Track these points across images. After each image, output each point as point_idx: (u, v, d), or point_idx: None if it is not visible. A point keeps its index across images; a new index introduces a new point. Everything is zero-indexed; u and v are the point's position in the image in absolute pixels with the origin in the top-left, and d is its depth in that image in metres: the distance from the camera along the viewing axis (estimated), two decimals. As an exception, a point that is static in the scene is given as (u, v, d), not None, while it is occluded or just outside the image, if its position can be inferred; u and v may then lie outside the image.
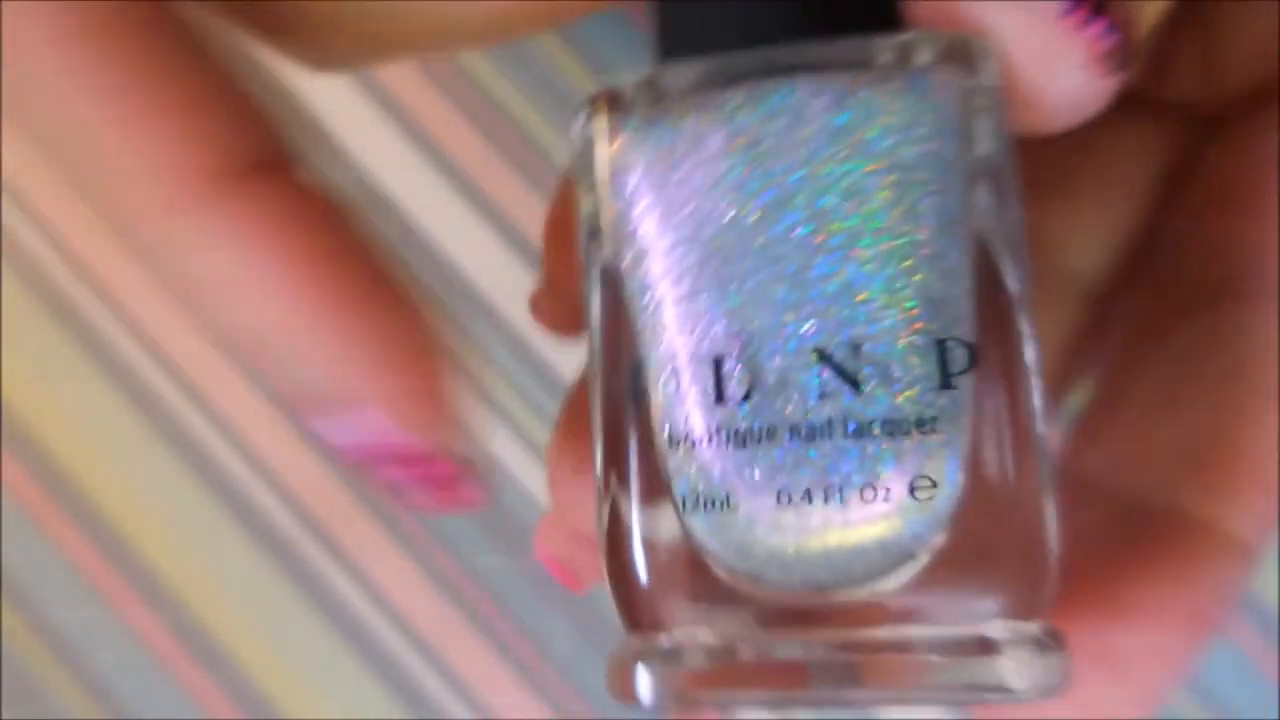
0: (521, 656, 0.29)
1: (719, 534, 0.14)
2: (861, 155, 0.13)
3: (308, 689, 0.29)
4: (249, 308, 0.15)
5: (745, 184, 0.14)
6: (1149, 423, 0.18)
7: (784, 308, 0.13)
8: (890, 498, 0.13)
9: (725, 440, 0.13)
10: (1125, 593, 0.16)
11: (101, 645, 0.29)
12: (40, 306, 0.29)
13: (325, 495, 0.29)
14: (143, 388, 0.29)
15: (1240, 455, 0.17)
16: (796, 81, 0.13)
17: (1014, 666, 0.13)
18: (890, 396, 0.13)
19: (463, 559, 0.29)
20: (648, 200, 0.14)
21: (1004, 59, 0.14)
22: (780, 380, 0.13)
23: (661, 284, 0.14)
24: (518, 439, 0.29)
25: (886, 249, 0.13)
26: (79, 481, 0.29)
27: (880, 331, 0.13)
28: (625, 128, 0.14)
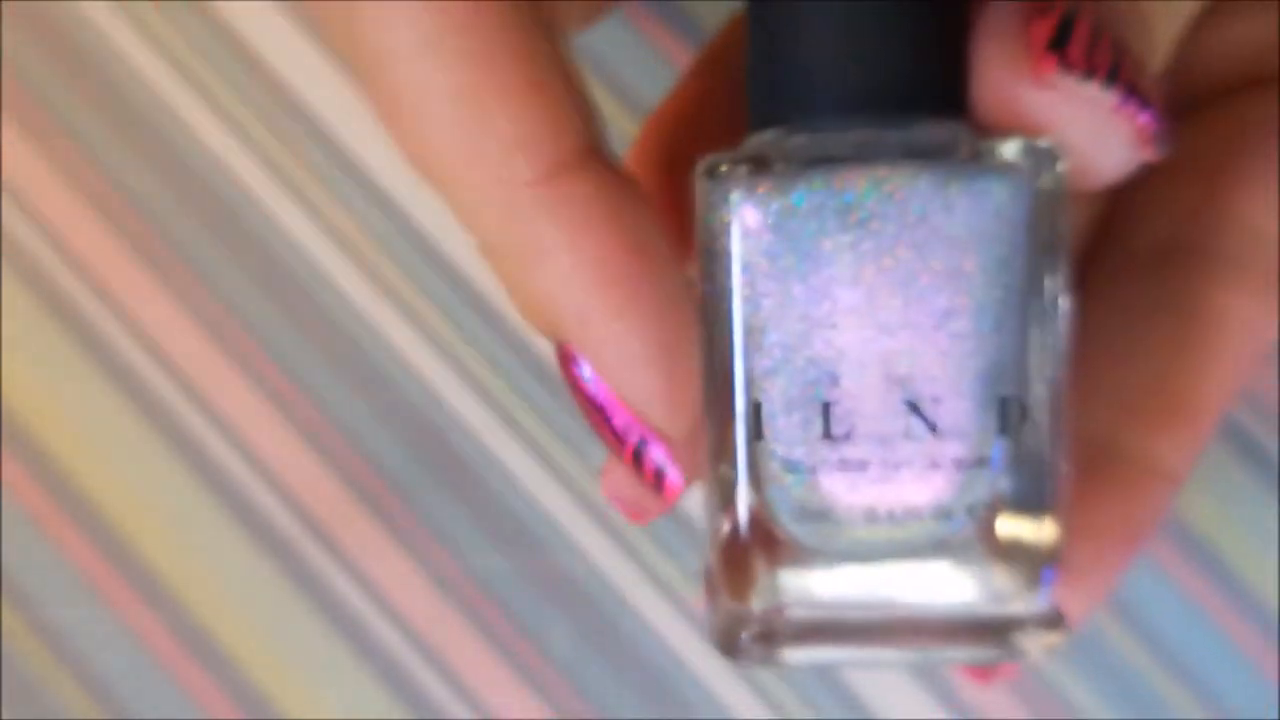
0: (521, 656, 0.29)
1: (818, 536, 0.18)
2: (954, 244, 0.17)
3: (308, 689, 0.29)
4: (580, 286, 0.16)
5: (855, 256, 0.17)
6: (1099, 369, 0.20)
7: (882, 366, 0.17)
8: (953, 516, 0.17)
9: (829, 468, 0.17)
10: (1073, 514, 0.18)
11: (101, 645, 0.29)
12: (40, 306, 0.29)
13: (325, 495, 0.29)
14: (143, 388, 0.29)
15: (1173, 400, 0.20)
16: (909, 169, 0.17)
17: (1031, 640, 0.18)
18: (959, 440, 0.17)
19: (463, 559, 0.29)
20: (769, 262, 0.17)
21: (1064, 143, 0.17)
22: (876, 423, 0.17)
23: (779, 337, 0.17)
24: (518, 438, 0.29)
25: (964, 326, 0.17)
26: (79, 481, 0.29)
27: (956, 390, 0.17)
28: (748, 191, 0.17)
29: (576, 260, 0.16)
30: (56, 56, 0.30)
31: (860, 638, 0.18)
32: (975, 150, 0.17)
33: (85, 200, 0.30)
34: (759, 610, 0.18)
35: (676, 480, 0.18)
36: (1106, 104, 0.16)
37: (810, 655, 0.18)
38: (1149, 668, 0.28)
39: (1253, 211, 0.21)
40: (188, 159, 0.29)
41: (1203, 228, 0.21)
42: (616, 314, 0.17)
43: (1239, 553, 0.28)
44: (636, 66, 0.29)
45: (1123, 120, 0.16)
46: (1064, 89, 0.16)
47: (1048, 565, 0.18)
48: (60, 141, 0.30)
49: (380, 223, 0.29)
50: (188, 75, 0.30)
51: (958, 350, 0.17)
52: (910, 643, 0.18)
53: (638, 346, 0.17)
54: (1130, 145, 0.17)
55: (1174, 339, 0.20)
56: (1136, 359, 0.21)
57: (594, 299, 0.16)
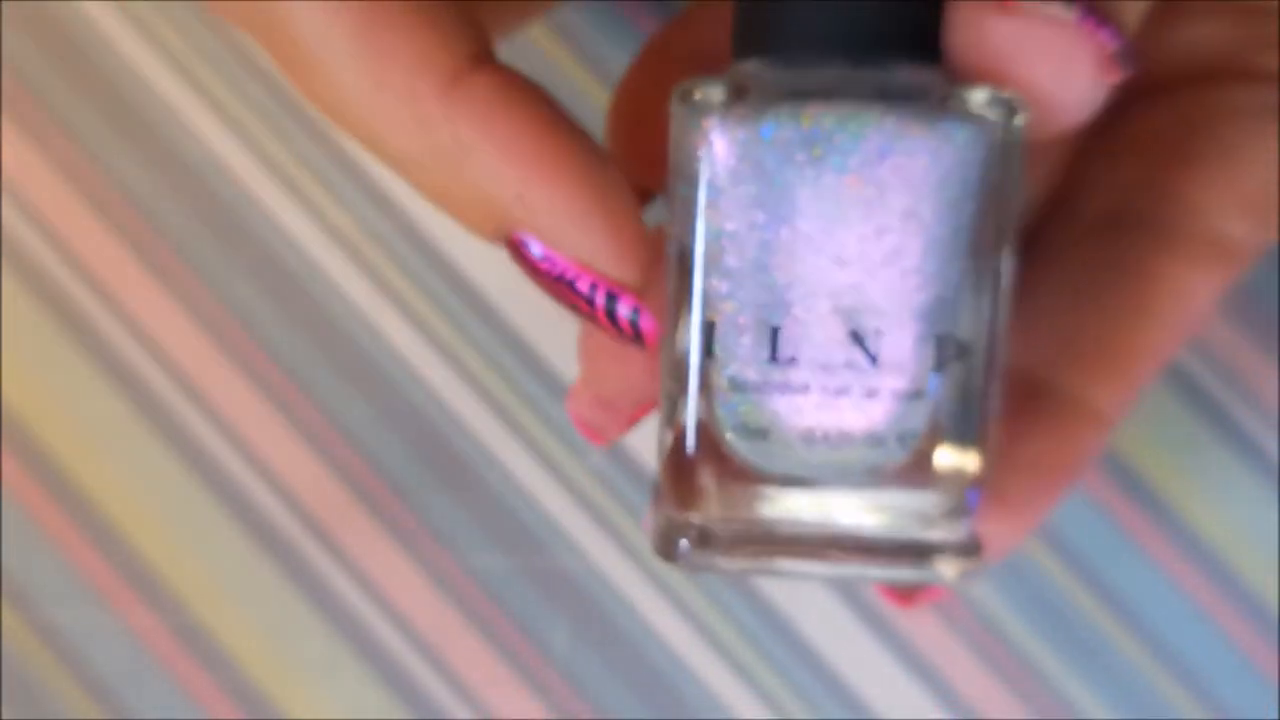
0: (521, 656, 0.29)
1: (756, 453, 0.19)
2: (912, 185, 0.17)
3: (308, 689, 0.29)
4: (509, 169, 0.18)
5: (816, 190, 0.17)
6: (1044, 319, 0.22)
7: (831, 297, 0.18)
8: (887, 444, 0.18)
9: (772, 389, 0.18)
10: (1010, 448, 0.20)
11: (101, 645, 0.29)
12: (40, 306, 0.29)
13: (325, 495, 0.29)
14: (143, 388, 0.29)
15: (1109, 350, 0.22)
16: (877, 110, 0.17)
17: (948, 565, 0.19)
18: (898, 373, 0.18)
19: (463, 559, 0.29)
20: (734, 188, 0.18)
21: (1024, 73, 0.17)
22: (820, 350, 0.18)
23: (736, 261, 0.18)
24: (518, 438, 0.29)
25: (912, 263, 0.18)
26: (79, 481, 0.29)
27: (900, 324, 0.18)
28: (719, 120, 0.18)
29: (499, 146, 0.17)
30: (56, 56, 0.30)
31: (790, 551, 0.19)
32: (944, 96, 0.17)
33: (85, 200, 0.30)
34: (699, 520, 0.19)
35: (650, 325, 0.19)
36: (1067, 20, 0.17)
37: (742, 565, 0.19)
38: (1149, 668, 0.28)
39: (1194, 189, 0.22)
40: (188, 159, 0.29)
41: (1147, 201, 0.23)
42: (549, 181, 0.18)
43: (1239, 553, 0.28)
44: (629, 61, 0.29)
45: (1084, 37, 0.17)
46: (1026, 13, 0.17)
47: (971, 495, 0.19)
48: (60, 141, 0.30)
49: (380, 223, 0.29)
50: (188, 75, 0.30)
51: (903, 287, 0.18)
52: (837, 559, 0.19)
53: (576, 204, 0.18)
54: (1093, 69, 0.17)
55: (1114, 296, 0.22)
56: (1078, 311, 0.22)
57: (526, 175, 0.18)
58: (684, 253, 0.18)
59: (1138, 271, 0.22)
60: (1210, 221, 0.22)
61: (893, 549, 0.19)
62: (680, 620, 0.29)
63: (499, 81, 0.18)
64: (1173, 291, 0.22)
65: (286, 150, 0.29)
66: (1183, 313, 0.22)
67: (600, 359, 0.21)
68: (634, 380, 0.20)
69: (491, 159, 0.18)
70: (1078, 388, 0.22)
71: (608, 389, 0.21)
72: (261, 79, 0.30)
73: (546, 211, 0.18)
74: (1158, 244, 0.22)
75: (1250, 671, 0.28)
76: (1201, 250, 0.22)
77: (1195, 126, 0.23)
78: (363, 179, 0.29)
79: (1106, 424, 0.22)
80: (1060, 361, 0.22)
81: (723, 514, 0.19)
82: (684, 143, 0.18)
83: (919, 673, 0.29)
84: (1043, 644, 0.29)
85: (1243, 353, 0.29)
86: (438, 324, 0.29)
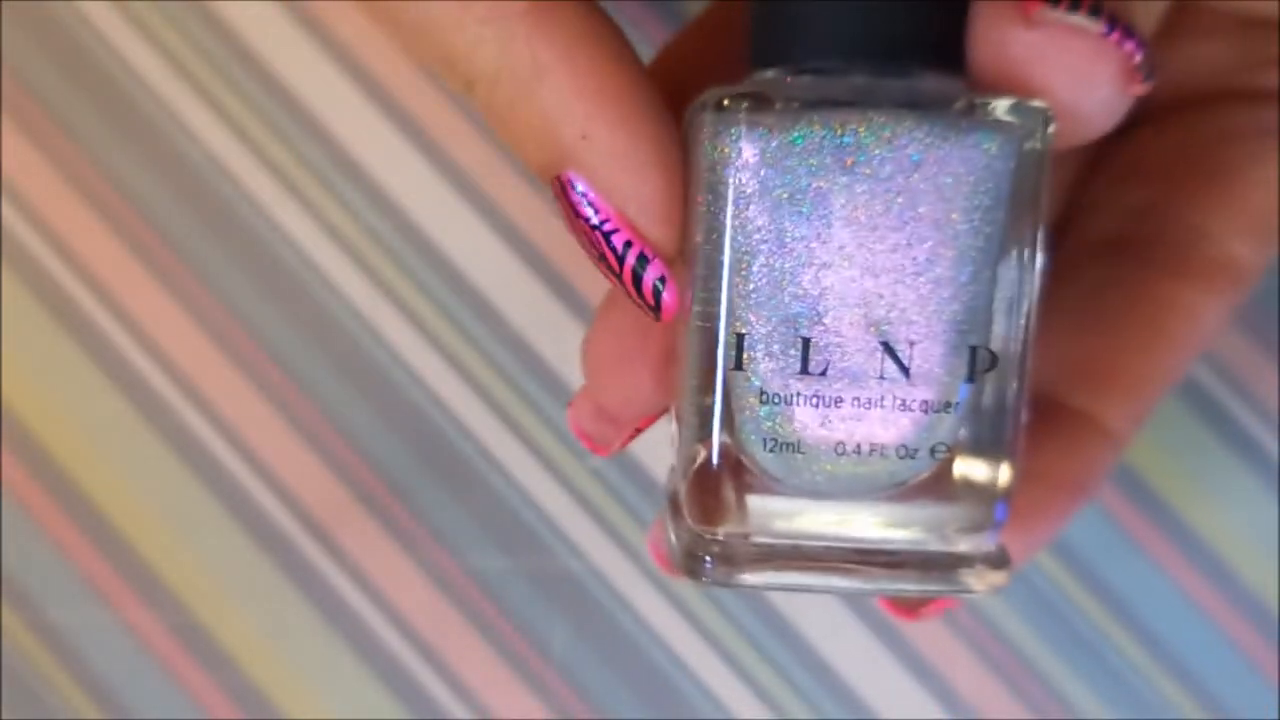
0: (521, 656, 0.29)
1: (784, 466, 0.18)
2: (943, 194, 0.17)
3: (308, 689, 0.29)
4: (579, 101, 0.17)
5: (848, 199, 0.17)
6: (1056, 339, 0.22)
7: (862, 308, 0.18)
8: (916, 456, 0.18)
9: (803, 401, 0.18)
10: (1025, 463, 0.20)
11: (101, 645, 0.29)
12: (40, 306, 0.29)
13: (325, 495, 0.29)
14: (143, 388, 0.29)
15: (1119, 369, 0.22)
16: (909, 119, 0.17)
17: (976, 578, 0.19)
18: (929, 384, 0.18)
19: (463, 559, 0.29)
20: (763, 197, 0.17)
21: (1048, 82, 0.17)
22: (852, 362, 0.18)
23: (766, 271, 0.18)
24: (517, 438, 0.29)
25: (944, 274, 0.18)
26: (79, 481, 0.29)
27: (931, 336, 0.18)
28: (749, 128, 0.17)
29: (574, 75, 0.17)
30: (56, 56, 0.30)
31: (816, 566, 0.19)
32: (970, 105, 0.17)
33: (85, 200, 0.30)
34: (723, 535, 0.19)
35: (671, 299, 0.18)
36: (1093, 32, 0.17)
37: (767, 579, 0.19)
38: (1149, 668, 0.28)
39: (1197, 212, 0.23)
40: (188, 159, 0.29)
41: (1153, 225, 0.23)
42: (617, 123, 0.17)
43: (1239, 553, 0.28)
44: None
45: (1109, 48, 0.17)
46: (1051, 23, 0.17)
47: (1000, 507, 0.18)
48: (60, 141, 0.30)
49: (380, 223, 0.29)
50: (188, 75, 0.30)
51: (936, 297, 0.18)
52: (863, 574, 0.19)
53: (638, 154, 0.18)
54: (1118, 80, 0.17)
55: (1123, 317, 0.22)
56: (1088, 331, 0.23)
57: (594, 111, 0.17)
58: (711, 263, 0.18)
59: (1145, 293, 0.23)
60: (1215, 244, 0.23)
61: (920, 562, 0.19)
62: (680, 620, 0.29)
63: (583, 10, 0.18)
64: (1180, 313, 0.22)
65: (286, 150, 0.29)
66: (1191, 333, 0.23)
67: (604, 369, 0.20)
68: (639, 391, 0.20)
69: (564, 86, 0.17)
70: (1088, 406, 0.22)
71: (611, 400, 0.20)
72: (261, 79, 0.30)
73: (606, 154, 0.18)
74: (1164, 266, 0.23)
75: (1250, 671, 0.28)
76: (1207, 272, 0.23)
77: (1197, 150, 0.23)
78: (363, 179, 0.29)
79: (1117, 442, 0.22)
80: (1071, 381, 0.22)
81: (747, 529, 0.19)
82: (710, 151, 0.18)
83: (919, 673, 0.29)
84: (1043, 644, 0.29)
85: (1243, 354, 0.29)
86: (438, 324, 0.29)
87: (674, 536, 0.20)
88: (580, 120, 0.17)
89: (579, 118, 0.17)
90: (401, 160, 0.29)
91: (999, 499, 0.18)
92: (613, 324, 0.20)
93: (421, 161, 0.29)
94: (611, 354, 0.20)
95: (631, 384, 0.20)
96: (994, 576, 0.19)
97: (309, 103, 0.30)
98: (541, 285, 0.29)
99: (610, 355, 0.20)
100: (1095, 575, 0.29)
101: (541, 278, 0.29)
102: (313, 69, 0.30)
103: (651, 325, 0.19)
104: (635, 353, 0.20)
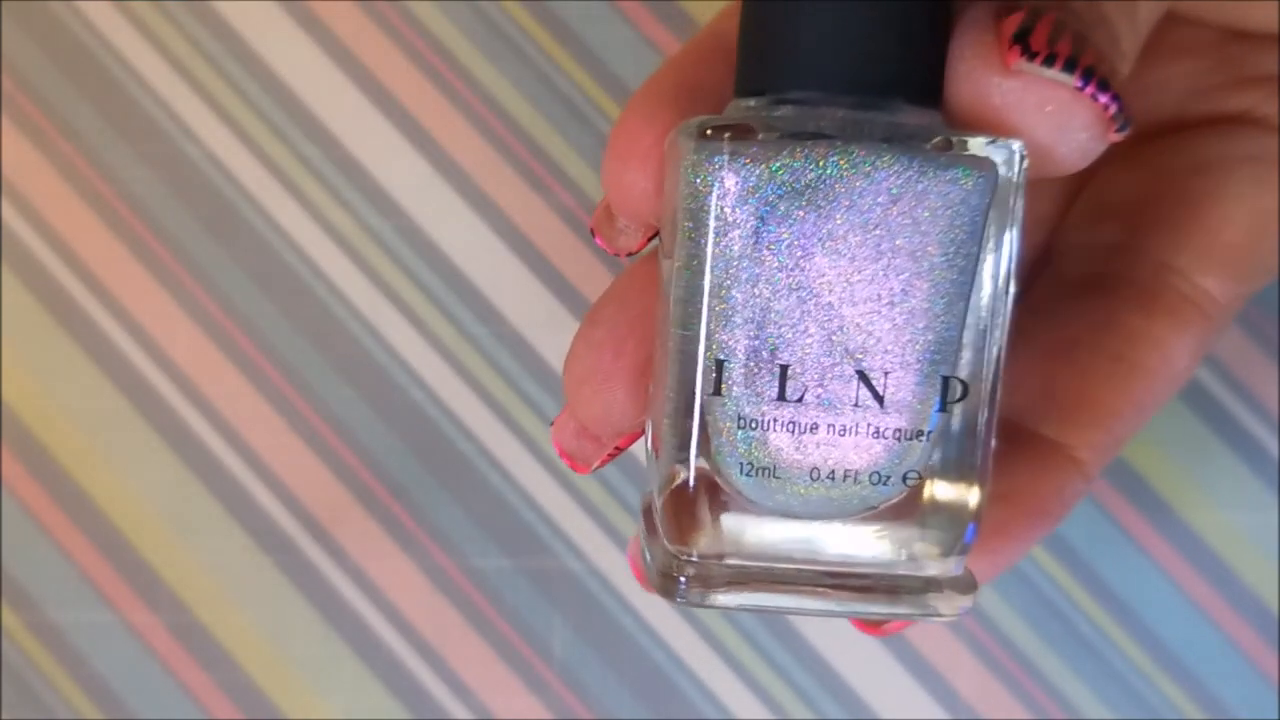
0: (521, 656, 0.29)
1: (758, 490, 0.19)
2: (920, 227, 0.18)
3: (308, 689, 0.29)
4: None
5: (826, 230, 0.18)
6: (1029, 371, 0.23)
7: (839, 336, 0.18)
8: (888, 482, 0.19)
9: (779, 427, 0.18)
10: (993, 488, 0.20)
11: (101, 645, 0.29)
12: (40, 306, 0.29)
13: (325, 495, 0.29)
14: (143, 388, 0.29)
15: (1087, 401, 0.23)
16: (889, 153, 0.17)
17: (944, 601, 0.19)
18: (903, 412, 0.18)
19: (463, 559, 0.29)
20: (743, 226, 0.18)
21: (1024, 126, 0.18)
22: (828, 389, 0.18)
23: (745, 299, 0.18)
24: (517, 438, 0.29)
25: (919, 305, 0.18)
26: (79, 481, 0.29)
27: (905, 365, 0.18)
28: (730, 157, 0.18)
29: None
30: (56, 56, 0.30)
31: (789, 588, 0.19)
32: (948, 141, 0.18)
33: (85, 200, 0.30)
34: (697, 556, 0.19)
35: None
36: (1069, 85, 0.18)
37: (740, 600, 0.19)
38: (1149, 668, 0.28)
39: (1168, 249, 0.23)
40: (187, 159, 0.29)
41: (1124, 264, 0.23)
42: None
43: (1239, 553, 0.28)
44: (636, 66, 0.29)
45: (1085, 102, 0.18)
46: (1029, 75, 0.18)
47: (968, 533, 0.19)
48: (60, 141, 0.30)
49: (380, 223, 0.29)
50: (188, 75, 0.30)
51: (910, 327, 0.18)
52: (835, 596, 0.19)
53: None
54: (1092, 129, 0.18)
55: (1094, 352, 0.23)
56: (1059, 364, 0.23)
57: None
58: (691, 289, 0.18)
59: (1117, 330, 0.23)
60: (1185, 280, 0.23)
61: (889, 585, 0.19)
62: (680, 620, 0.29)
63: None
64: (1151, 348, 0.23)
65: (286, 150, 0.30)
66: (1163, 369, 0.23)
67: (584, 388, 0.20)
68: (614, 408, 0.20)
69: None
70: (1058, 435, 0.23)
71: (588, 416, 0.21)
72: (261, 79, 0.30)
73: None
74: (1136, 303, 0.23)
75: (1250, 671, 0.28)
76: (1178, 308, 0.23)
77: (1166, 185, 0.23)
78: (363, 179, 0.29)
79: (1085, 473, 0.23)
80: (1041, 410, 0.23)
81: (721, 550, 0.19)
82: (691, 179, 0.18)
83: (919, 673, 0.29)
84: (1043, 644, 0.29)
85: (1243, 354, 0.29)
86: (438, 324, 0.29)
87: (649, 554, 0.20)
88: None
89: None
90: (401, 160, 0.29)
91: (968, 523, 0.19)
92: (591, 340, 0.20)
93: (421, 161, 0.29)
94: (588, 371, 0.20)
95: (607, 400, 0.20)
96: (960, 600, 0.19)
97: (309, 103, 0.30)
98: (541, 285, 0.29)
99: (587, 372, 0.20)
100: (1095, 575, 0.29)
101: (541, 278, 0.29)
102: (313, 69, 0.30)
103: (627, 342, 0.20)
104: (611, 369, 0.20)
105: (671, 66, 0.20)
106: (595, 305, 0.21)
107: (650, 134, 0.19)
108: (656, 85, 0.20)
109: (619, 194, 0.20)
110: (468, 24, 0.30)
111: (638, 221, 0.20)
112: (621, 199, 0.20)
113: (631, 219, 0.20)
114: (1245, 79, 0.24)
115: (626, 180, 0.19)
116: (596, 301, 0.21)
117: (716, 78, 0.20)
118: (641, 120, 0.19)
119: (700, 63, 0.20)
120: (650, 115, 0.19)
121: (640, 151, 0.19)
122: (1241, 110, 0.24)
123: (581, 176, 0.29)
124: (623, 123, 0.19)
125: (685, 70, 0.20)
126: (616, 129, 0.20)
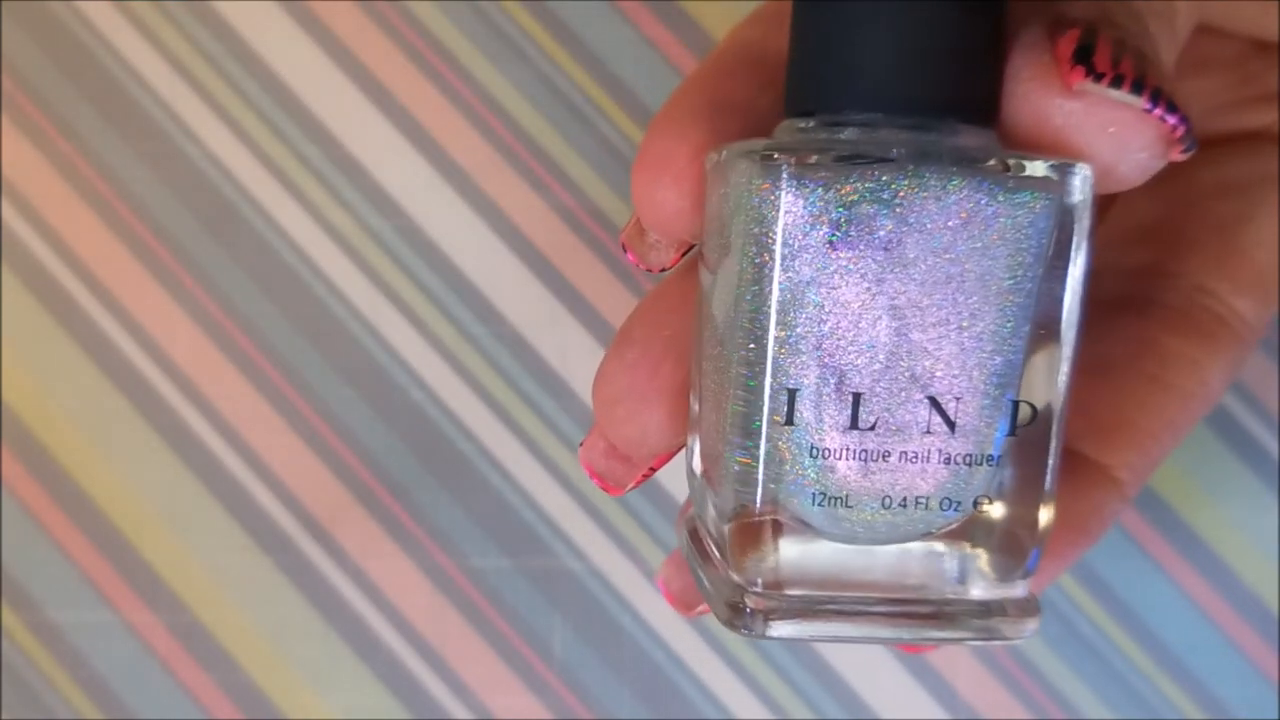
0: (521, 656, 0.29)
1: (829, 519, 0.18)
2: (988, 250, 0.17)
3: (308, 689, 0.29)
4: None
5: (894, 255, 0.17)
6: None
7: (908, 362, 0.18)
8: (958, 508, 0.18)
9: (851, 456, 0.18)
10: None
11: (101, 645, 0.29)
12: (40, 306, 0.29)
13: (325, 495, 0.29)
14: (143, 388, 0.29)
15: (1126, 423, 0.22)
16: (956, 176, 0.17)
17: (1010, 625, 0.19)
18: (972, 437, 0.18)
19: (463, 559, 0.29)
20: (809, 251, 0.17)
21: (1086, 146, 0.18)
22: (899, 417, 0.18)
23: (813, 326, 0.18)
24: (517, 438, 0.29)
25: (987, 329, 0.18)
26: (79, 481, 0.29)
27: (973, 390, 0.18)
28: (796, 181, 0.17)
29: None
30: (56, 56, 0.30)
31: (855, 617, 0.19)
32: (1006, 163, 0.17)
33: (85, 200, 0.30)
34: (761, 585, 0.19)
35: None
36: (1136, 107, 0.17)
37: (808, 630, 0.19)
38: (1149, 668, 0.28)
39: (1198, 272, 0.23)
40: (187, 159, 0.29)
41: (1156, 286, 0.23)
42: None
43: (1239, 553, 0.28)
44: (636, 66, 0.29)
45: (1153, 123, 0.17)
46: (1093, 96, 0.17)
47: (1034, 556, 0.19)
48: (60, 141, 0.30)
49: (380, 223, 0.29)
50: (188, 75, 0.30)
51: (979, 351, 0.18)
52: (902, 623, 0.19)
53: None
54: (1153, 148, 0.18)
55: (1129, 373, 0.23)
56: (1095, 385, 0.23)
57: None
58: (757, 316, 0.18)
59: (1153, 351, 0.23)
60: (1221, 302, 0.23)
61: (956, 611, 0.19)
62: (679, 620, 0.29)
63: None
64: (1188, 370, 0.23)
65: (286, 150, 0.29)
66: (1199, 391, 0.23)
67: (618, 409, 0.20)
68: (654, 432, 0.20)
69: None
70: (1097, 455, 0.22)
71: (622, 438, 0.20)
72: (261, 79, 0.30)
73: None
74: (1171, 325, 0.23)
75: (1250, 672, 0.28)
76: (1211, 330, 0.23)
77: (1195, 206, 0.23)
78: (363, 179, 0.29)
79: (1123, 492, 0.22)
80: (1077, 430, 0.22)
81: (788, 580, 0.19)
82: (753, 203, 0.17)
83: (919, 673, 0.29)
84: (1043, 644, 0.29)
85: (1243, 353, 0.29)
86: (438, 324, 0.29)
87: (708, 583, 0.20)
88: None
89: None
90: (401, 160, 0.29)
91: (1033, 548, 0.19)
92: (625, 360, 0.20)
93: (421, 161, 0.29)
94: (623, 391, 0.20)
95: (644, 422, 0.20)
96: (1026, 623, 0.19)
97: (309, 103, 0.30)
98: (541, 285, 0.29)
99: (621, 393, 0.20)
100: (1096, 576, 0.29)
101: (541, 278, 0.29)
102: (312, 69, 0.30)
103: (663, 363, 0.19)
104: (648, 390, 0.20)
105: (698, 81, 0.20)
106: (627, 323, 0.20)
107: (683, 151, 0.19)
108: (685, 100, 0.19)
109: (651, 211, 0.19)
110: (468, 24, 0.30)
111: (670, 238, 0.20)
112: (654, 216, 0.19)
113: (664, 235, 0.20)
114: (1267, 95, 0.23)
115: (659, 198, 0.19)
116: (628, 319, 0.20)
117: (746, 92, 0.19)
118: (673, 137, 0.19)
119: (728, 76, 0.20)
120: (681, 132, 0.19)
121: (674, 169, 0.19)
122: (1263, 126, 0.24)
123: (582, 177, 0.29)
124: (652, 139, 0.19)
125: (713, 84, 0.19)
126: (646, 146, 0.19)
